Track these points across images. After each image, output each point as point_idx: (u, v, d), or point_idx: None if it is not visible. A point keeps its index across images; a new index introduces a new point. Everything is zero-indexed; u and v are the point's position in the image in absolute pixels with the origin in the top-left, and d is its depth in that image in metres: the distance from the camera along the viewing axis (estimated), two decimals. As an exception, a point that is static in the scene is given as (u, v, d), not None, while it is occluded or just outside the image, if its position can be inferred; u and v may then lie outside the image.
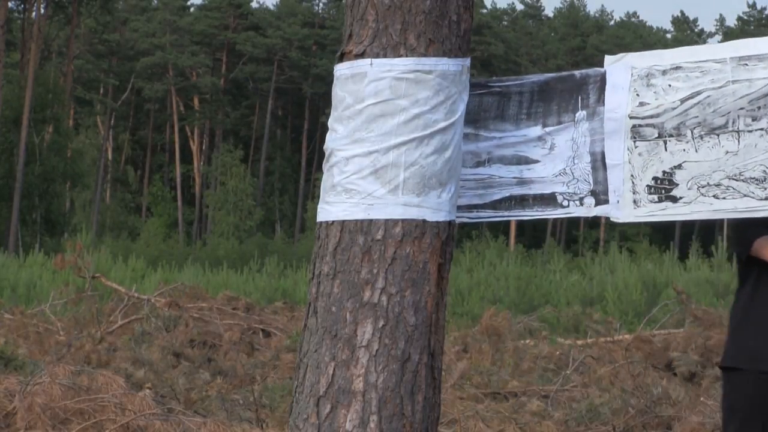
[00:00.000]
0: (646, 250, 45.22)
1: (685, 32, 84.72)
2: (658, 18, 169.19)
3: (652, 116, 4.49)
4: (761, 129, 4.23)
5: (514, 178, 4.85)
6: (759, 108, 4.25)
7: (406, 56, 4.92)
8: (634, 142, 4.51)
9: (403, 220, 4.86)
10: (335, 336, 4.82)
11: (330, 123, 5.20)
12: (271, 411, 7.53)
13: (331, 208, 4.95)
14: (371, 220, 4.85)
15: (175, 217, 68.10)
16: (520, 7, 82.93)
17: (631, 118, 4.54)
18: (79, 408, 5.56)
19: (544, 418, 7.89)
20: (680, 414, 7.49)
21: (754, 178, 4.15)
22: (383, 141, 4.88)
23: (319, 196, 5.17)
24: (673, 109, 4.44)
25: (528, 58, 74.28)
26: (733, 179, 4.22)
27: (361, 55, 5.00)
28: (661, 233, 69.23)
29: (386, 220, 4.85)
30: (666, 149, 4.40)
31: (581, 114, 4.66)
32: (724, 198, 4.22)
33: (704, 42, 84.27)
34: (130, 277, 21.19)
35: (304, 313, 5.02)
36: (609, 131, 4.62)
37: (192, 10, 76.70)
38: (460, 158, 5.11)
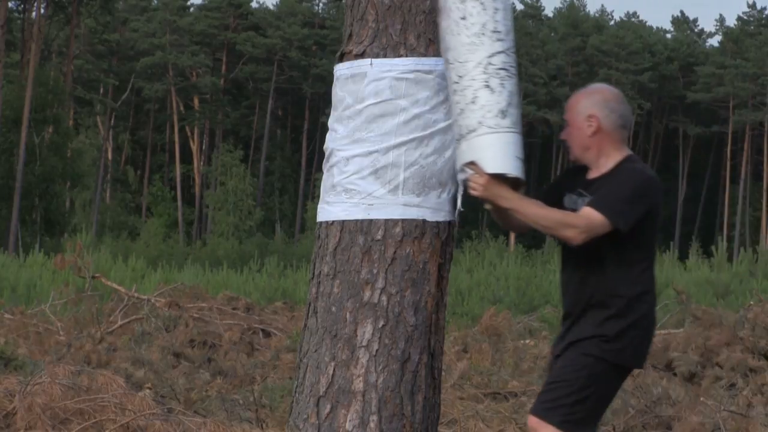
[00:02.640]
0: (646, 250, 45.14)
1: (685, 32, 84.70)
2: (658, 18, 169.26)
3: None
4: None
5: None
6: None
7: (406, 56, 4.91)
8: None
9: (403, 220, 4.85)
10: (335, 336, 4.82)
11: (330, 123, 5.20)
12: (271, 411, 7.53)
13: (331, 208, 4.95)
14: (371, 220, 4.85)
15: (175, 217, 68.08)
16: (520, 7, 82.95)
17: None
18: (79, 408, 5.56)
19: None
20: (680, 414, 7.49)
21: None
22: (383, 141, 4.88)
23: (319, 196, 5.17)
24: None
25: (528, 58, 74.26)
26: None
27: (361, 55, 4.99)
28: (661, 233, 69.19)
29: (386, 220, 4.84)
30: None
31: None
32: None
33: (704, 42, 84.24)
34: (130, 277, 21.18)
35: (304, 313, 5.02)
36: None
37: (192, 10, 76.66)
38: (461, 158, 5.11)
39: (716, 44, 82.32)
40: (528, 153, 79.89)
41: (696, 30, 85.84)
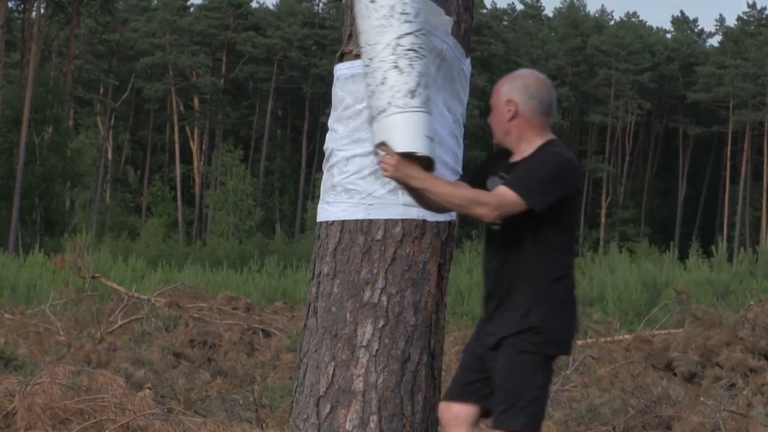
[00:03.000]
0: (646, 250, 45.18)
1: (685, 32, 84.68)
2: (658, 18, 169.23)
3: None
4: None
5: None
6: None
7: (406, 56, 4.93)
8: None
9: (403, 220, 4.86)
10: (335, 336, 4.82)
11: (330, 123, 5.20)
12: (271, 411, 7.52)
13: (331, 208, 4.95)
14: (371, 220, 4.85)
15: (175, 217, 68.05)
16: (520, 7, 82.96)
17: None
18: (79, 408, 5.56)
19: (544, 418, 7.88)
20: (680, 414, 7.48)
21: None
22: (383, 141, 4.87)
23: (319, 196, 5.17)
24: None
25: (528, 58, 74.21)
26: None
27: (361, 55, 4.99)
28: (661, 233, 69.18)
29: (386, 220, 4.85)
30: None
31: None
32: None
33: (704, 42, 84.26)
34: (130, 277, 21.19)
35: (304, 313, 5.02)
36: None
37: (192, 10, 76.63)
38: (461, 158, 5.11)
39: (716, 44, 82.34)
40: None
41: (696, 30, 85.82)
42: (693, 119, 76.69)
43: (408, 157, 4.15)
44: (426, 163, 4.18)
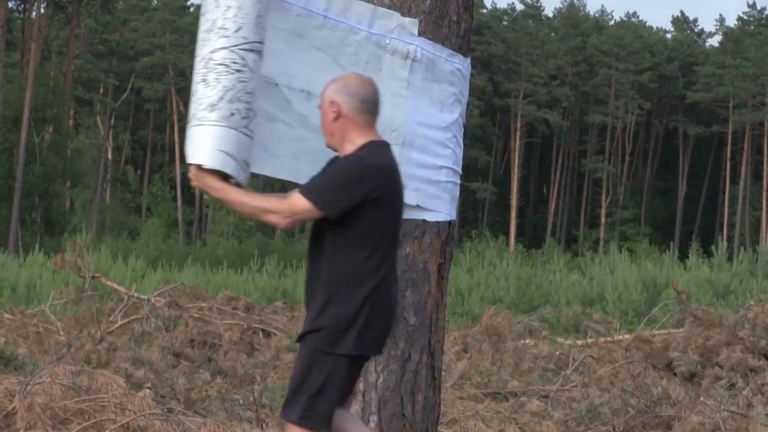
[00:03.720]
0: (646, 250, 45.22)
1: (685, 32, 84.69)
2: (658, 18, 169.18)
3: None
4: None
5: None
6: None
7: (406, 56, 4.91)
8: None
9: (403, 220, 4.86)
10: (335, 336, 4.82)
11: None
12: (271, 411, 7.52)
13: (331, 208, 4.94)
14: (371, 220, 4.85)
15: (175, 217, 68.06)
16: (520, 7, 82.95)
17: None
18: (79, 408, 5.56)
19: (544, 418, 7.90)
20: (680, 414, 7.48)
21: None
22: (383, 141, 4.87)
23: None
24: None
25: (528, 58, 74.23)
26: None
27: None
28: (661, 233, 69.21)
29: (386, 220, 4.85)
30: None
31: None
32: None
33: (704, 42, 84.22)
34: (130, 277, 21.18)
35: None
36: None
37: (192, 10, 76.63)
38: (460, 158, 5.11)
39: (716, 44, 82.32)
40: (528, 153, 79.59)
41: (696, 30, 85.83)
42: (693, 119, 76.71)
43: (203, 168, 4.29)
44: (226, 175, 4.30)
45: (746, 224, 69.24)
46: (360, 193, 4.20)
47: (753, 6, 79.77)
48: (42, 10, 51.71)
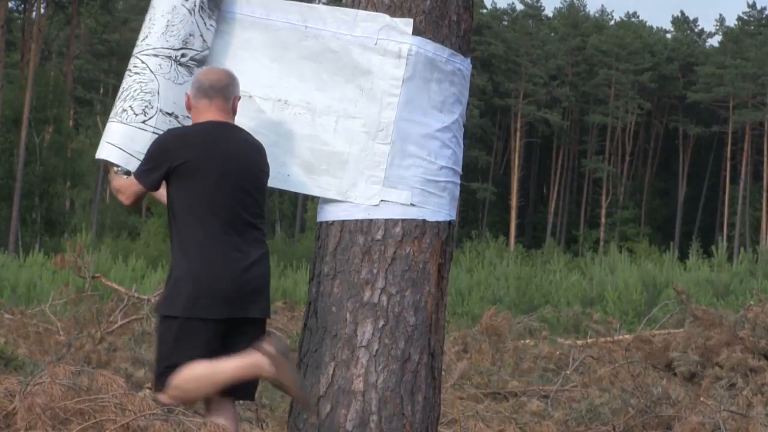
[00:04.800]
0: (646, 250, 45.19)
1: (685, 32, 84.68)
2: (658, 18, 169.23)
3: None
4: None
5: None
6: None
7: (406, 56, 4.91)
8: None
9: (403, 220, 4.85)
10: (335, 336, 4.81)
11: (329, 123, 5.20)
12: (271, 411, 7.52)
13: (331, 208, 4.94)
14: (371, 220, 4.85)
15: (175, 217, 68.01)
16: (520, 7, 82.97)
17: None
18: (79, 408, 5.56)
19: (544, 418, 7.89)
20: (680, 414, 7.47)
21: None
22: (383, 141, 4.87)
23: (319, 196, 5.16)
24: None
25: (528, 58, 74.22)
26: None
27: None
28: (661, 233, 69.19)
29: (386, 220, 4.84)
30: None
31: None
32: None
33: (704, 42, 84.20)
34: (130, 277, 21.18)
35: (304, 313, 5.02)
36: None
37: (192, 10, 76.62)
38: (460, 158, 5.11)
39: (716, 44, 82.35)
40: (528, 153, 79.52)
41: (696, 30, 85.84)
42: (693, 119, 76.71)
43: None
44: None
45: (746, 224, 69.23)
46: (165, 164, 4.55)
47: (753, 6, 79.78)
48: (42, 11, 51.71)
